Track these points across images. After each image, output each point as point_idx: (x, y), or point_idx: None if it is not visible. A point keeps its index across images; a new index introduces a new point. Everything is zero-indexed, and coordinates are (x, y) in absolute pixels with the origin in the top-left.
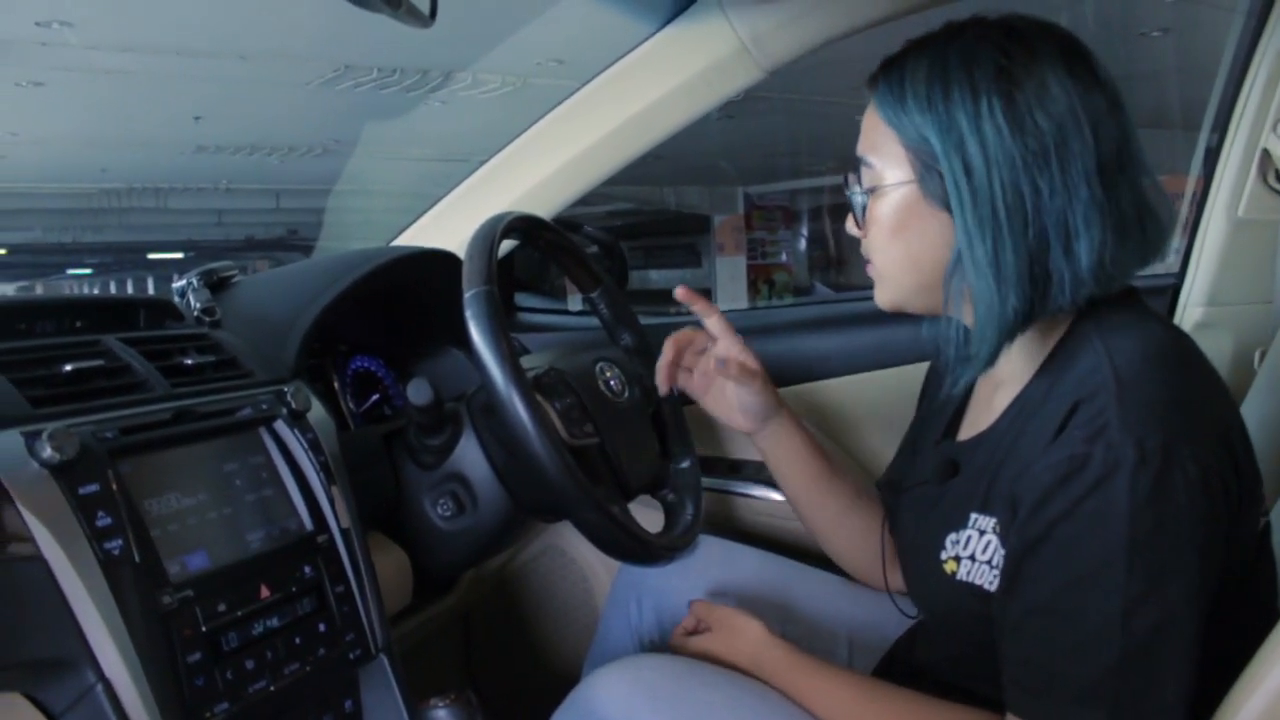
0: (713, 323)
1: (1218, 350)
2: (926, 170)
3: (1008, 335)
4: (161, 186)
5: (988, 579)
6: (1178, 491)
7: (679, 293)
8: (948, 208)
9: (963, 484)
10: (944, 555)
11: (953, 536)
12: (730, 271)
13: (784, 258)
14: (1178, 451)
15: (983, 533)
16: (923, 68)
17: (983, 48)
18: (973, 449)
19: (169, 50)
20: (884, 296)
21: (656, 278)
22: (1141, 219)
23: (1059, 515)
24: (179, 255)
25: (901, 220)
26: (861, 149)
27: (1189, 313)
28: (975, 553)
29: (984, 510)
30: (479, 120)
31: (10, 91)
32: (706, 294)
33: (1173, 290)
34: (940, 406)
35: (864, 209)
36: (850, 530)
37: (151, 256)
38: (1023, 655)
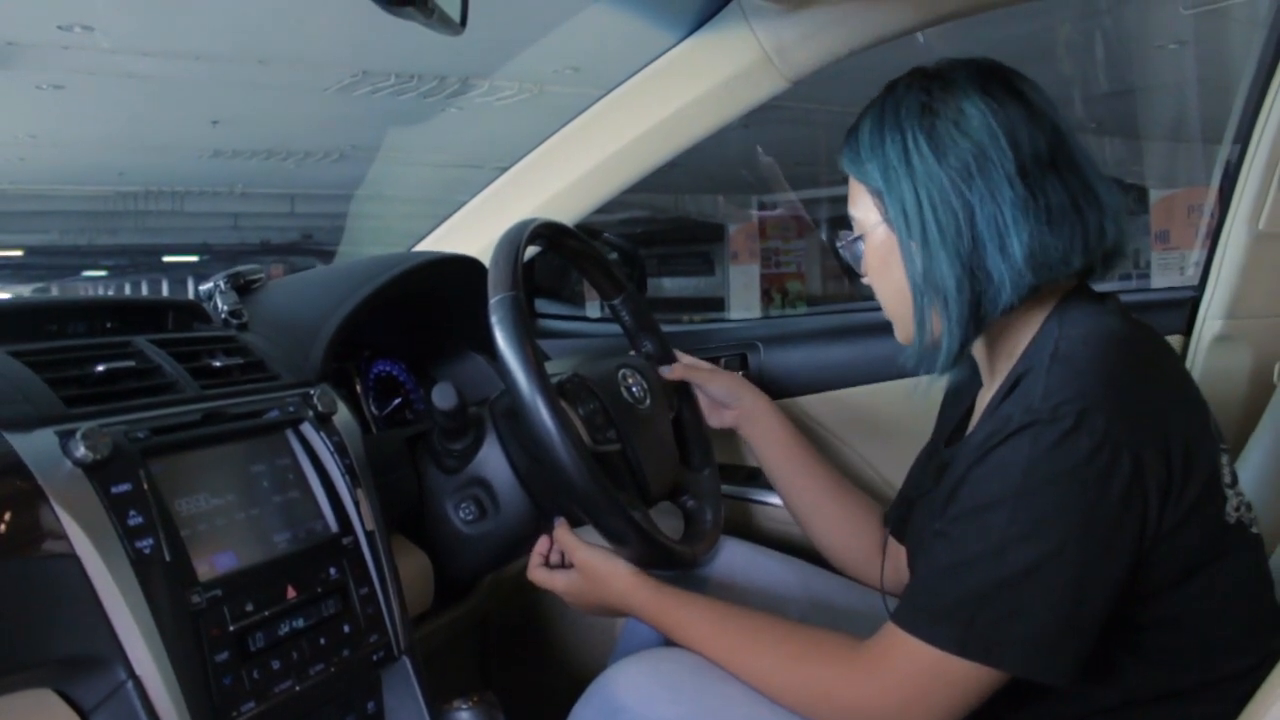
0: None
1: (1236, 363)
2: (886, 209)
3: (961, 338)
4: (178, 190)
5: None
6: (1078, 452)
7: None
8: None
9: (946, 482)
10: None
11: (935, 527)
12: (744, 280)
13: (797, 267)
14: (1090, 419)
15: None
16: (867, 123)
17: (909, 94)
18: (958, 451)
19: (189, 55)
20: (900, 333)
21: (670, 285)
22: (1079, 207)
23: (975, 461)
24: (194, 258)
25: (883, 257)
26: (849, 207)
27: (1208, 325)
28: None
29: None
30: (495, 127)
31: (31, 94)
32: (720, 303)
33: (1192, 303)
34: (946, 422)
35: (860, 257)
36: (831, 518)
37: (167, 259)
38: (915, 572)
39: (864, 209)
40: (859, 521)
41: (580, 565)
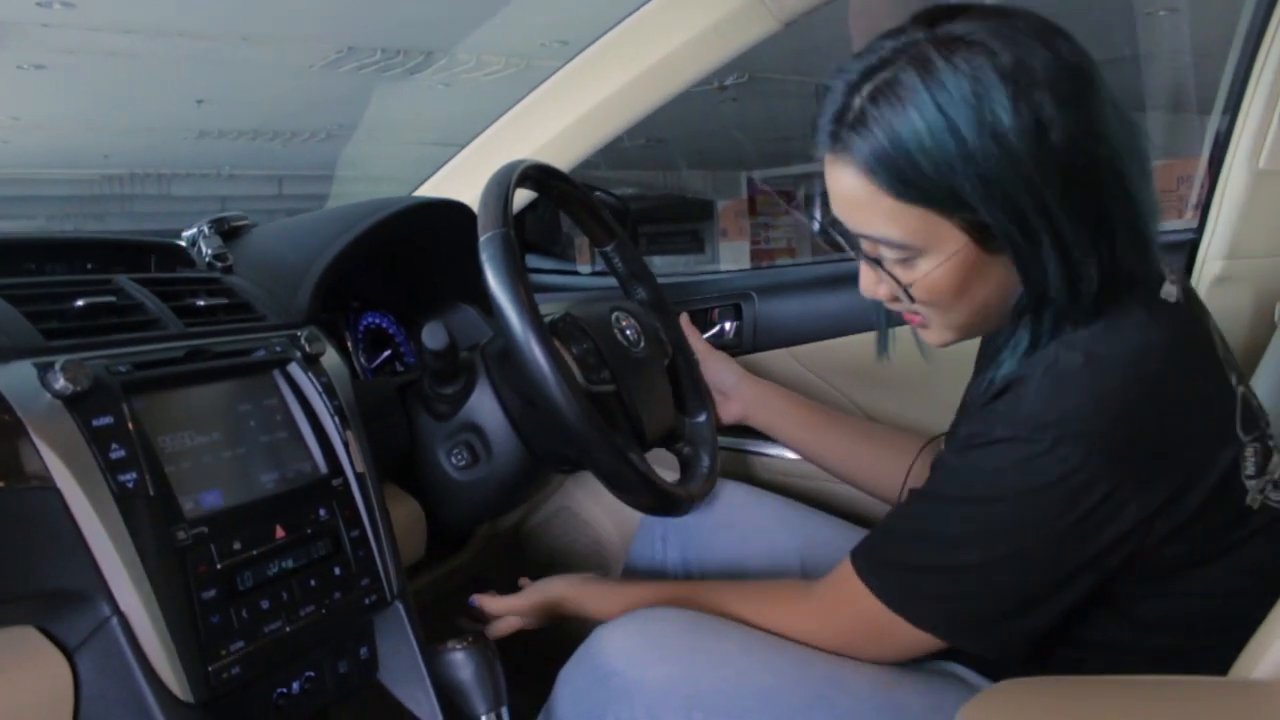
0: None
1: (1237, 304)
2: (973, 228)
3: (1049, 334)
4: (164, 173)
5: None
6: (1048, 474)
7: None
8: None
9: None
10: None
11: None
12: (734, 256)
13: (788, 242)
14: (1063, 447)
15: None
16: (908, 122)
17: (961, 60)
18: (967, 402)
19: (171, 32)
20: (940, 338)
21: (660, 263)
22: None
23: (954, 451)
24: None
25: (965, 280)
26: (867, 228)
27: (1208, 266)
28: None
29: None
30: (483, 103)
31: (12, 74)
32: None
33: (1191, 245)
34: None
35: (906, 289)
36: (869, 458)
37: None
38: (888, 517)
39: (913, 234)
40: (897, 449)
41: (531, 603)
